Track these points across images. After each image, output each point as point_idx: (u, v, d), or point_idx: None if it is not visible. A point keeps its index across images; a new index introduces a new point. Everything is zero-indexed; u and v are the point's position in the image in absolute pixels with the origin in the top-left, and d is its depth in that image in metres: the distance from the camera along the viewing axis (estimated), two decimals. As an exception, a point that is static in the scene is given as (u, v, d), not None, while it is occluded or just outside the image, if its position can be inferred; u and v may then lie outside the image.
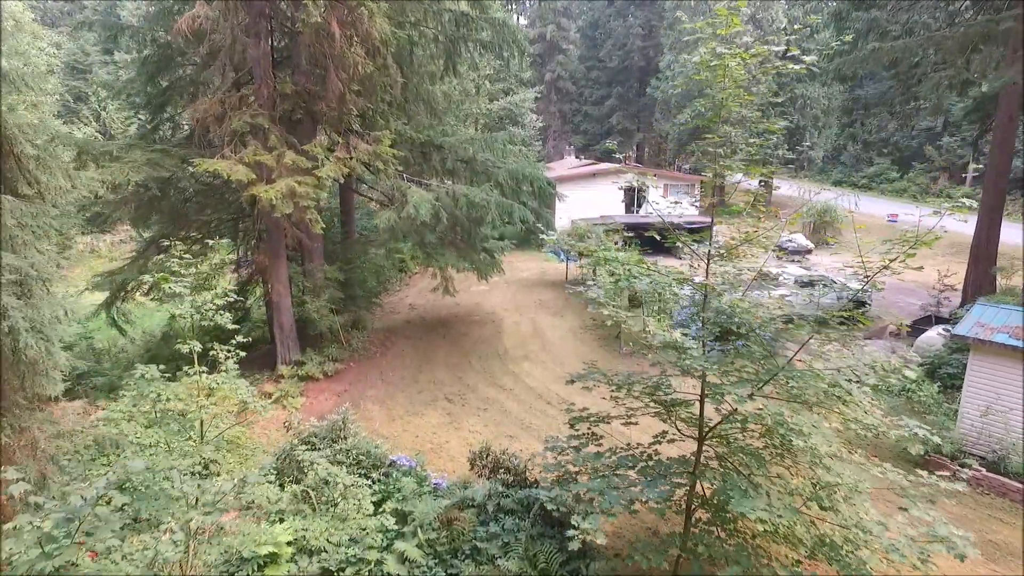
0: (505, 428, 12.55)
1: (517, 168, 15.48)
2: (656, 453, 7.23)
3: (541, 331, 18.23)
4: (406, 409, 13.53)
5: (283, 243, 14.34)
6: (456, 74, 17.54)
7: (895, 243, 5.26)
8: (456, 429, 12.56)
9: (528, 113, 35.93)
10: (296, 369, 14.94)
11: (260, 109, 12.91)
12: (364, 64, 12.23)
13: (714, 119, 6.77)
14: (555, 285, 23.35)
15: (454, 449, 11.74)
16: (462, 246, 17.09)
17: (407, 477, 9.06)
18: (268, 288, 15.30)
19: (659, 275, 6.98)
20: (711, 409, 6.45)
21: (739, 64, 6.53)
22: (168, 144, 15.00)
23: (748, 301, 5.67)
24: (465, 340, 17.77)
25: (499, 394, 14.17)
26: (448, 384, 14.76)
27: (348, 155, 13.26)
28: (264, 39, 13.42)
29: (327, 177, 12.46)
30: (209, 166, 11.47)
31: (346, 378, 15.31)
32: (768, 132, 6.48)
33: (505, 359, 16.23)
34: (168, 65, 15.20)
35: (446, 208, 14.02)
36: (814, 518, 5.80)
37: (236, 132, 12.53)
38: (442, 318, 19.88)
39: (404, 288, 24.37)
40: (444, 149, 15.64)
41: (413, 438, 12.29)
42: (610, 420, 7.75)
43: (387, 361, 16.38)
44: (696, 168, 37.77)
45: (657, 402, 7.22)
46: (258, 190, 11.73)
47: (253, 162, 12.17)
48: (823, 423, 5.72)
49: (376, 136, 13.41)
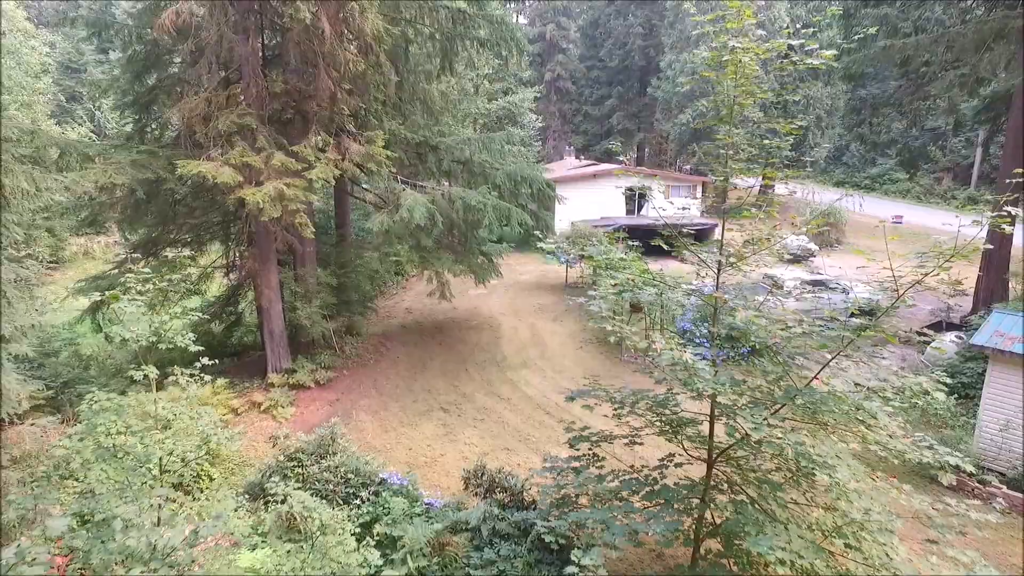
0: (502, 440, 12.07)
1: (515, 169, 14.99)
2: (662, 476, 6.75)
3: (540, 337, 17.76)
4: (400, 420, 13.05)
5: (272, 247, 13.85)
6: (453, 73, 17.06)
7: (929, 254, 4.79)
8: (451, 441, 12.08)
9: (527, 113, 35.43)
10: (287, 377, 14.45)
11: (248, 109, 12.43)
12: (356, 62, 11.76)
13: (725, 119, 6.30)
14: (555, 288, 22.88)
15: (449, 463, 11.27)
16: (459, 249, 16.63)
17: (398, 497, 8.57)
18: (258, 293, 14.81)
19: (666, 285, 6.52)
20: (721, 427, 5.99)
21: (752, 60, 6.06)
22: (155, 145, 14.51)
23: (764, 316, 5.19)
24: (462, 346, 17.29)
25: (496, 404, 13.69)
26: (444, 393, 14.28)
27: (340, 156, 12.78)
28: (253, 36, 12.95)
29: (317, 179, 11.98)
30: (193, 168, 10.99)
31: (339, 386, 14.82)
32: (786, 133, 6.00)
33: (503, 366, 15.75)
34: (156, 63, 14.72)
35: (442, 211, 13.54)
36: (837, 554, 5.33)
37: (223, 133, 12.05)
38: (439, 323, 19.40)
39: (401, 292, 23.89)
40: (440, 150, 15.16)
41: (407, 451, 11.81)
42: (612, 439, 7.28)
43: (381, 369, 15.89)
44: (698, 169, 37.30)
45: (663, 421, 6.75)
46: (245, 193, 11.24)
47: (240, 164, 11.67)
48: (843, 445, 5.25)
49: (369, 137, 12.93)
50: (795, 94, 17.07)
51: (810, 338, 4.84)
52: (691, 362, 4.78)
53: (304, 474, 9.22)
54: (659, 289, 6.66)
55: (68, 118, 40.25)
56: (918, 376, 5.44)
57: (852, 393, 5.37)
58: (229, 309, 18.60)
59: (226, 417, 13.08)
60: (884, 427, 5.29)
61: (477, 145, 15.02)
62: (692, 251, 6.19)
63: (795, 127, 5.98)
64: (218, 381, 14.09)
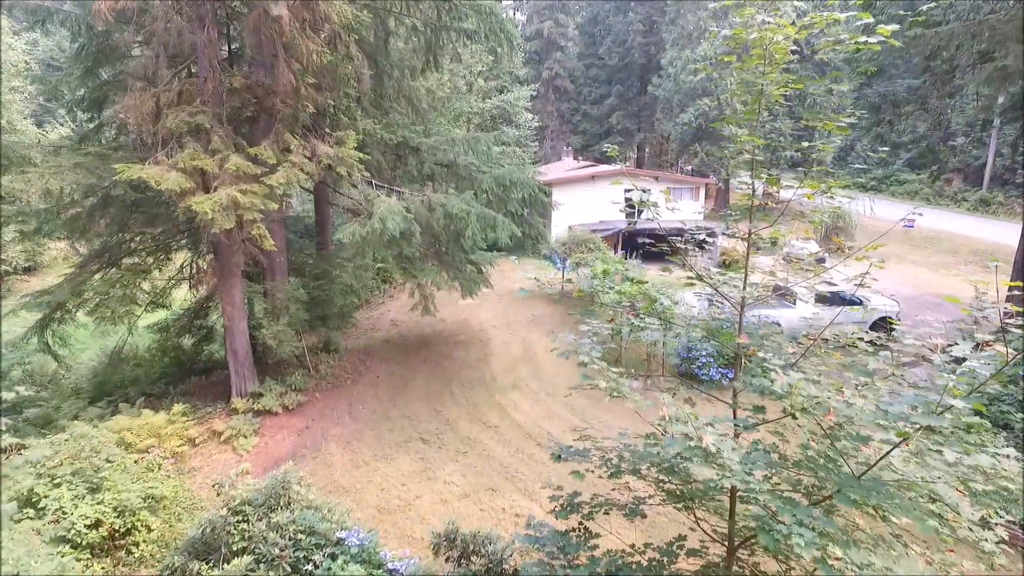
0: (486, 478, 10.74)
1: (504, 173, 13.65)
2: (672, 560, 5.42)
3: (533, 353, 16.43)
4: (374, 452, 11.73)
5: (234, 260, 12.53)
6: (438, 67, 15.74)
7: None
8: (429, 480, 10.75)
9: (523, 112, 34.08)
10: (252, 402, 13.12)
11: (203, 106, 11.10)
12: (321, 53, 10.43)
13: (749, 114, 4.99)
14: (552, 297, 21.54)
15: (424, 507, 9.94)
16: (445, 259, 15.30)
17: (355, 565, 7.26)
18: (222, 310, 13.47)
19: (668, 320, 5.25)
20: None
21: (785, 41, 4.77)
22: (107, 147, 13.20)
23: (811, 378, 3.87)
24: (448, 364, 15.96)
25: (482, 433, 12.36)
26: (424, 420, 12.95)
27: (308, 159, 11.46)
28: (211, 25, 11.61)
29: (279, 185, 10.65)
30: (133, 173, 9.66)
31: (310, 412, 13.49)
32: (828, 132, 4.70)
33: (491, 388, 14.42)
34: (109, 56, 13.42)
35: (421, 220, 12.21)
36: None
37: (173, 133, 10.73)
38: (424, 337, 18.07)
39: (388, 301, 22.54)
40: (422, 152, 13.83)
41: (378, 491, 10.48)
42: (609, 508, 5.95)
43: (359, 390, 14.56)
44: (701, 171, 35.96)
45: (671, 491, 5.43)
46: (193, 202, 9.92)
47: (191, 168, 10.36)
48: (919, 562, 3.92)
49: (339, 137, 11.60)
50: (847, 84, 15.41)
51: (881, 414, 3.54)
52: (713, 448, 3.50)
53: (249, 531, 7.92)
54: (663, 323, 5.40)
55: (50, 118, 38.99)
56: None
57: (917, 475, 4.05)
58: (199, 323, 17.31)
59: (181, 449, 11.77)
60: (969, 520, 3.99)
61: (463, 146, 13.68)
62: (710, 283, 4.88)
63: (841, 124, 4.67)
64: (175, 407, 12.80)
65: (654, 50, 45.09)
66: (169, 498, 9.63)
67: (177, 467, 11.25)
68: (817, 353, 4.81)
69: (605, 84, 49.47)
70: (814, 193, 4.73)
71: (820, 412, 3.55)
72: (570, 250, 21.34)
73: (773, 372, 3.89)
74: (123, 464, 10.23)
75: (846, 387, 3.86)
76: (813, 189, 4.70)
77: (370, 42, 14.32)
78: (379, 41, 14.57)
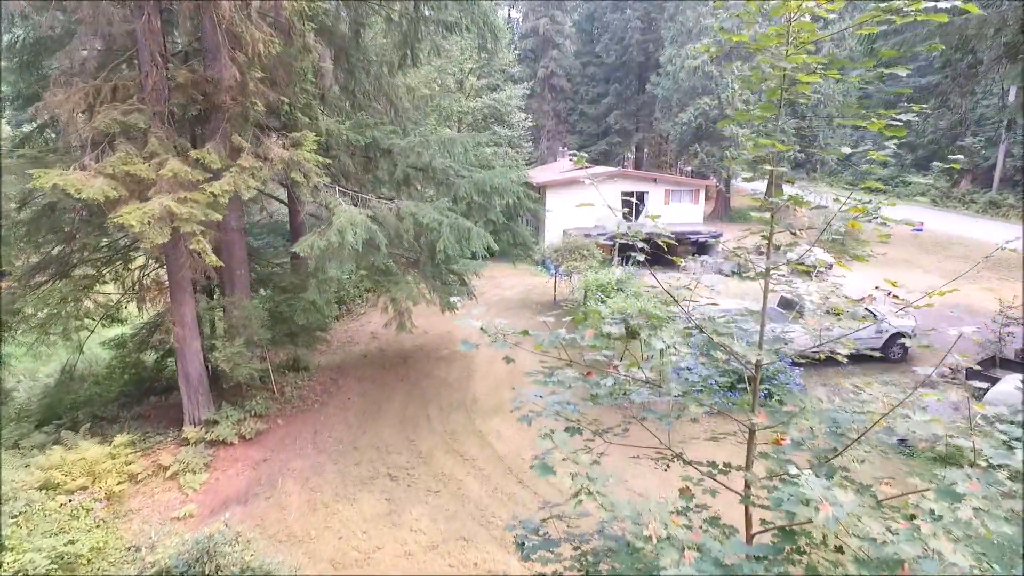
0: (459, 523, 9.48)
1: (485, 178, 12.39)
2: None
3: (519, 371, 15.14)
4: (335, 492, 10.47)
5: (182, 274, 11.28)
6: (416, 62, 14.49)
7: None
8: (394, 526, 9.49)
9: (515, 111, 32.79)
10: (205, 431, 11.87)
11: (140, 103, 9.85)
12: (269, 42, 9.18)
13: (767, 108, 3.75)
14: (542, 307, 20.28)
15: (385, 562, 8.69)
16: (424, 269, 14.02)
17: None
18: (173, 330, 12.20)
19: (677, 388, 4.09)
20: None
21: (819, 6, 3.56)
22: (43, 150, 11.94)
23: (870, 507, 2.63)
24: (427, 383, 14.70)
25: (458, 467, 11.11)
26: (395, 451, 11.69)
27: (261, 162, 10.21)
28: (151, 13, 10.35)
29: (223, 193, 9.40)
30: (49, 180, 8.41)
31: (269, 441, 12.24)
32: (877, 132, 3.47)
33: (472, 412, 13.16)
34: (50, 48, 12.16)
35: (390, 230, 10.96)
36: None
37: (104, 133, 9.48)
38: (404, 351, 16.82)
39: (371, 311, 21.23)
40: (394, 154, 12.57)
41: (335, 540, 9.22)
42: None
43: (327, 415, 13.30)
44: (700, 172, 34.69)
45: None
46: (121, 213, 8.67)
47: (122, 174, 9.12)
48: None
49: (295, 139, 10.34)
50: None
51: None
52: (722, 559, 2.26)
53: (166, 608, 6.70)
54: (651, 387, 4.22)
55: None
56: None
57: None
58: (160, 337, 16.04)
59: (120, 488, 10.51)
60: None
61: (437, 148, 12.42)
62: (729, 350, 3.66)
63: (897, 123, 3.43)
64: (118, 437, 11.56)
65: (653, 48, 43.84)
66: (88, 556, 8.38)
67: (112, 510, 9.99)
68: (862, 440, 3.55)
69: (602, 83, 48.22)
70: (859, 218, 3.48)
71: (888, 569, 2.27)
72: (563, 257, 20.10)
73: (806, 486, 2.60)
74: (42, 511, 9.00)
75: (921, 515, 2.58)
76: (858, 213, 3.45)
77: (340, 33, 13.09)
78: (351, 33, 13.33)
